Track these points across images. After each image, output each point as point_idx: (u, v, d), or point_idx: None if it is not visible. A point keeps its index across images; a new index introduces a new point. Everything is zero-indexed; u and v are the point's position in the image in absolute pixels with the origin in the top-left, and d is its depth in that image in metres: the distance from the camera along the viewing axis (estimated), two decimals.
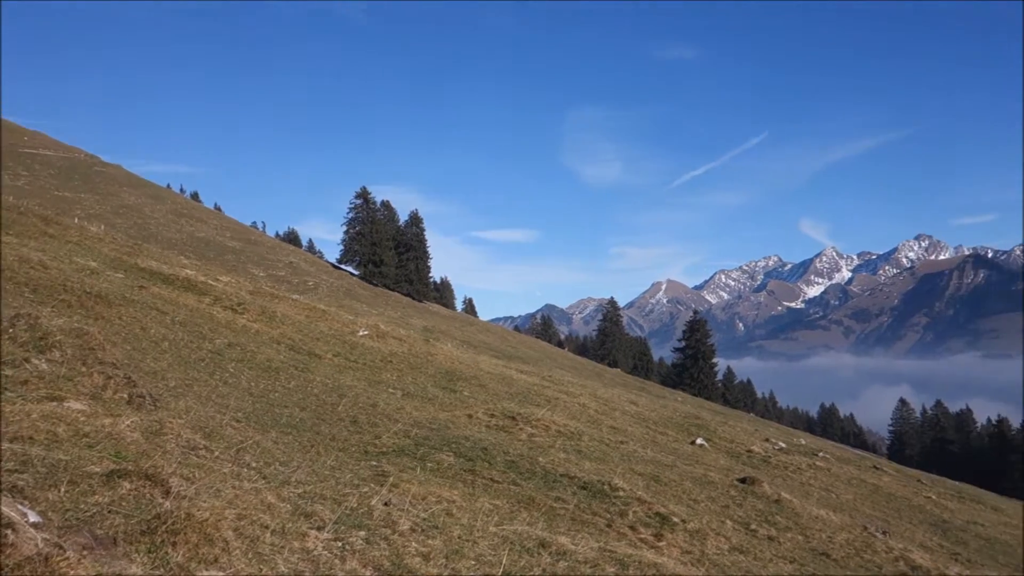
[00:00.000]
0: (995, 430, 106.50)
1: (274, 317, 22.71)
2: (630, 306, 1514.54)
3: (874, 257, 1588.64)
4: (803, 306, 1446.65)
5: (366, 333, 26.36)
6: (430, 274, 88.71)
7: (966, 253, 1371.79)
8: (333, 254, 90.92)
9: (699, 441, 24.13)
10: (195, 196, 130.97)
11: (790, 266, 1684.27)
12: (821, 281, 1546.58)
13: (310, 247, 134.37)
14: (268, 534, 5.67)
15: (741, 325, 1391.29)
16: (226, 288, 25.04)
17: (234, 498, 6.08)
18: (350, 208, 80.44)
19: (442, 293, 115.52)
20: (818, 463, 27.14)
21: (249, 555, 5.23)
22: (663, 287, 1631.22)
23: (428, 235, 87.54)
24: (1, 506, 4.45)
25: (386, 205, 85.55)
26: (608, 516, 10.39)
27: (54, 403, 7.71)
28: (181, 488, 5.97)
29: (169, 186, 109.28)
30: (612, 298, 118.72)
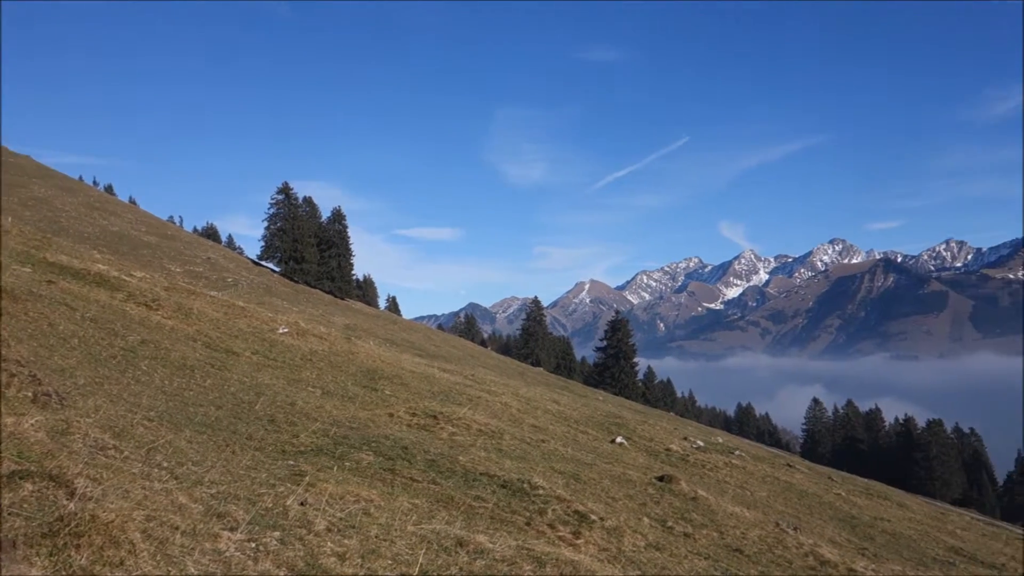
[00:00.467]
0: (902, 429, 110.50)
1: (190, 314, 22.18)
2: (553, 305, 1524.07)
3: (790, 260, 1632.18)
4: (722, 307, 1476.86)
5: (286, 331, 25.95)
6: (353, 272, 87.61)
7: (877, 257, 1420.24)
8: (253, 250, 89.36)
9: (619, 440, 24.44)
10: (109, 189, 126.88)
11: (710, 268, 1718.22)
12: (739, 283, 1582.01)
13: (230, 243, 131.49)
14: (178, 535, 5.53)
15: (662, 325, 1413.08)
16: (140, 284, 24.34)
17: (143, 499, 5.92)
18: (271, 204, 78.93)
19: (365, 291, 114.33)
20: (734, 461, 27.74)
21: (157, 557, 5.10)
22: (586, 287, 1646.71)
23: (352, 232, 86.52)
24: None
25: (308, 201, 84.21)
26: (527, 514, 10.44)
27: None
28: (87, 489, 5.78)
29: (81, 178, 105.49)
30: (536, 297, 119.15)
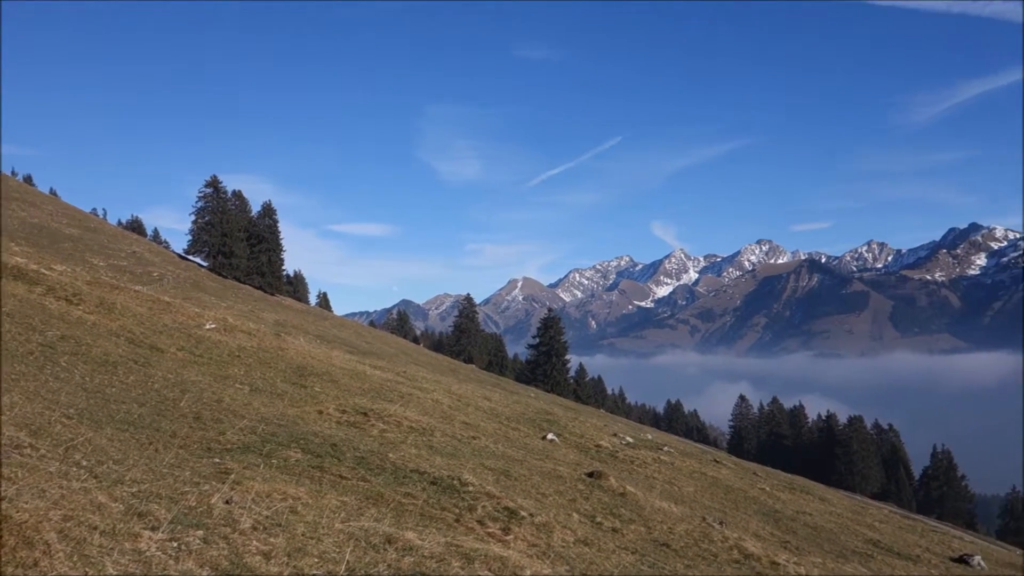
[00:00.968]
0: (824, 425, 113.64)
1: (113, 309, 21.59)
2: (486, 303, 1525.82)
3: (719, 259, 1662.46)
4: (652, 305, 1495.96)
5: (213, 327, 25.45)
6: (283, 267, 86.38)
7: (802, 258, 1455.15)
8: (180, 244, 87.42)
9: (550, 436, 24.59)
10: (28, 179, 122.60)
11: (641, 266, 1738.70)
12: (670, 282, 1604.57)
13: (155, 237, 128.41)
14: (96, 535, 5.39)
15: (594, 323, 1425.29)
16: (60, 278, 23.59)
17: (60, 498, 5.75)
18: (199, 197, 77.32)
19: (296, 287, 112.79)
20: (662, 457, 28.17)
21: (74, 558, 4.96)
22: (519, 284, 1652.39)
23: (283, 227, 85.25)
24: None
25: (238, 195, 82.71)
26: (457, 511, 10.45)
27: None
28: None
29: None
30: (468, 294, 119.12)
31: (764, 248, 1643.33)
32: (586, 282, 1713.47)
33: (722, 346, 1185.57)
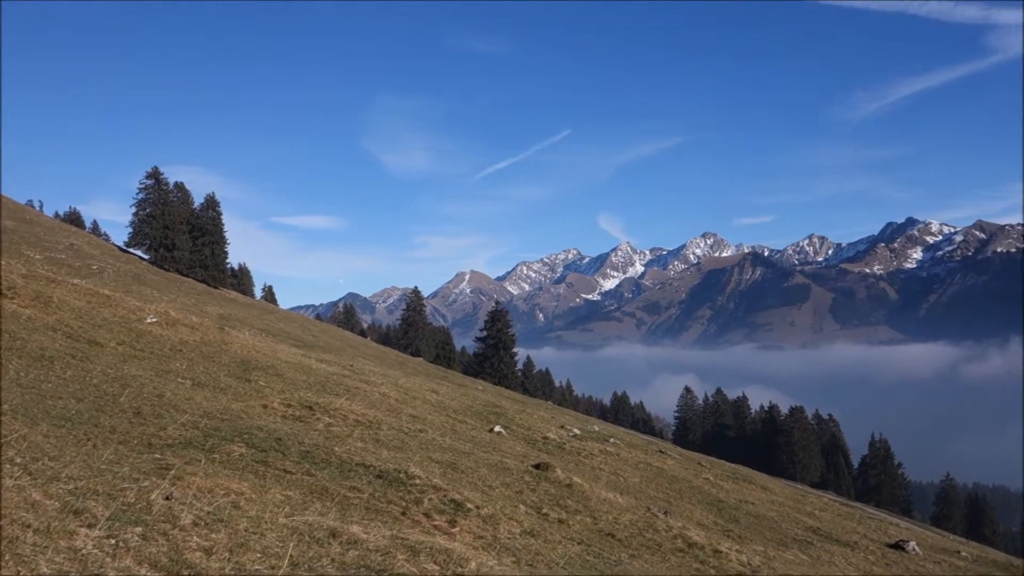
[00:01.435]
0: (767, 416, 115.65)
1: (50, 303, 21.04)
2: (434, 296, 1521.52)
3: (665, 253, 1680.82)
4: (599, 298, 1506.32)
5: (155, 320, 24.96)
6: (227, 260, 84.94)
7: (746, 251, 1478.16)
8: (121, 237, 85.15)
9: (497, 429, 24.62)
10: None
11: (588, 260, 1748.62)
12: (616, 275, 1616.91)
13: (95, 229, 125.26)
14: (30, 534, 5.26)
15: (541, 316, 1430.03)
16: None
17: None
18: (140, 189, 75.66)
19: (240, 280, 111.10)
20: (609, 448, 28.39)
21: (6, 557, 4.83)
22: (467, 277, 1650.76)
23: (226, 219, 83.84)
24: None
25: (180, 187, 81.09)
26: (403, 504, 10.41)
27: None
28: None
29: None
30: (416, 287, 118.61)
31: (709, 241, 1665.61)
32: (534, 275, 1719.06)
33: (668, 338, 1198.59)
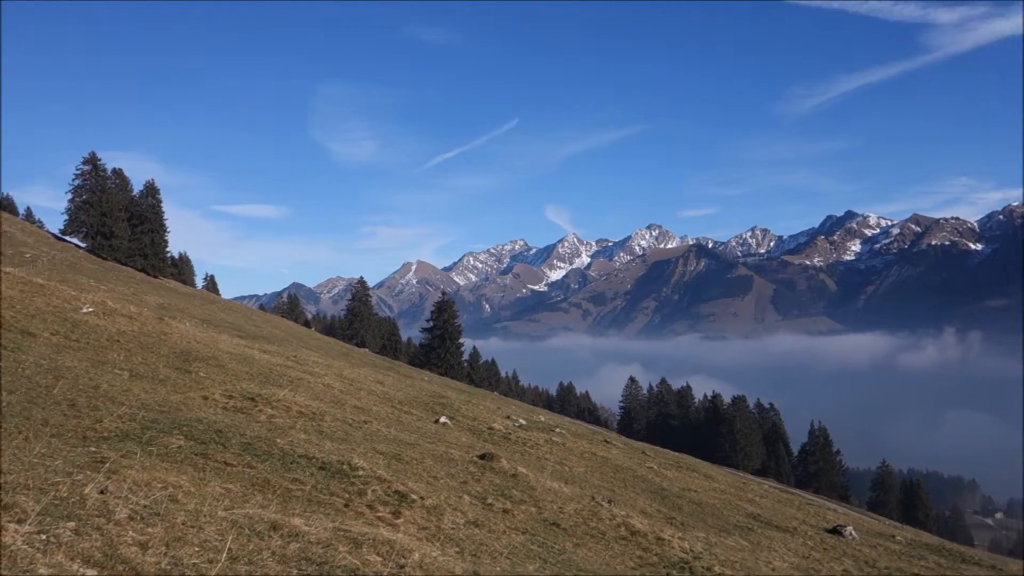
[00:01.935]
0: (710, 405, 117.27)
1: None
2: (380, 286, 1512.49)
3: (611, 244, 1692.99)
4: (546, 289, 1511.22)
5: (91, 310, 24.36)
6: (167, 248, 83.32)
7: (690, 243, 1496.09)
8: (56, 224, 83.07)
9: (443, 420, 24.57)
10: None
11: (535, 250, 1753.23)
12: (563, 266, 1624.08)
13: (28, 216, 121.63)
14: None
15: (488, 306, 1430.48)
16: None
17: None
18: (77, 175, 73.76)
19: (181, 269, 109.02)
20: (554, 438, 28.55)
21: None
22: (413, 268, 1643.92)
23: (167, 207, 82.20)
24: None
25: (118, 173, 79.25)
26: (346, 496, 10.32)
27: None
28: None
29: None
30: (361, 278, 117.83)
31: (654, 233, 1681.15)
32: (480, 266, 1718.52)
33: (613, 329, 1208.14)
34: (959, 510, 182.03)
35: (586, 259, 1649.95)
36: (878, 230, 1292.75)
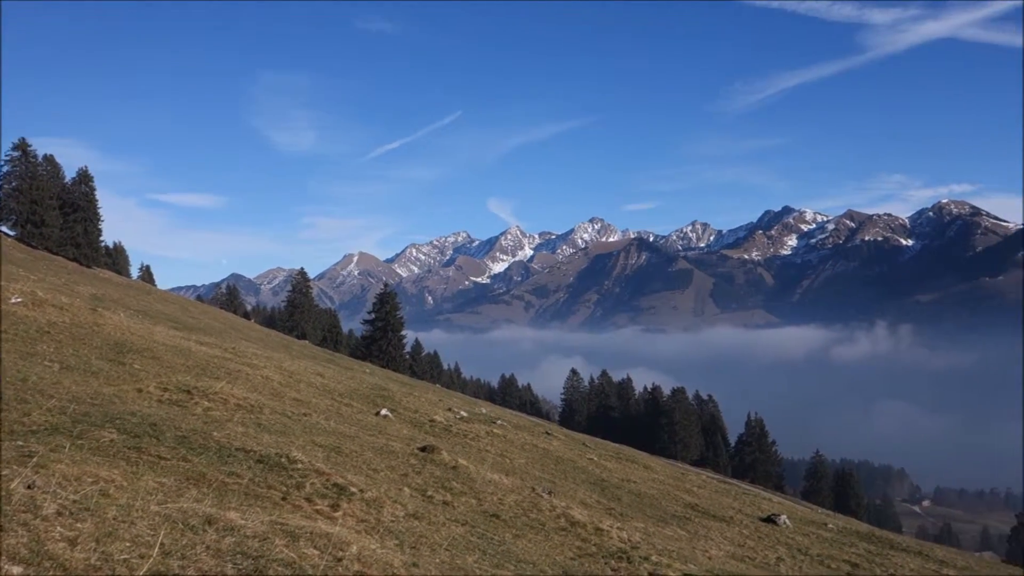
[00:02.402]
0: (650, 397, 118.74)
1: None
2: (321, 277, 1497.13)
3: (553, 237, 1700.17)
4: (489, 281, 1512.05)
5: (19, 300, 23.68)
6: (101, 238, 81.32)
7: (632, 236, 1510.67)
8: None
9: (384, 412, 24.44)
10: None
11: (478, 243, 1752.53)
12: (506, 258, 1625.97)
13: None
14: None
15: (430, 298, 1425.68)
16: None
17: None
18: (5, 161, 71.53)
19: (115, 259, 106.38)
20: (495, 430, 28.60)
21: None
22: (355, 259, 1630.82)
23: (101, 195, 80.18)
24: None
25: (49, 160, 77.01)
26: (284, 489, 10.21)
27: None
28: None
29: None
30: (302, 269, 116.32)
31: (596, 226, 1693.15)
32: (423, 257, 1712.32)
33: (555, 321, 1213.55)
34: (888, 498, 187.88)
35: (529, 252, 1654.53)
36: (814, 225, 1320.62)
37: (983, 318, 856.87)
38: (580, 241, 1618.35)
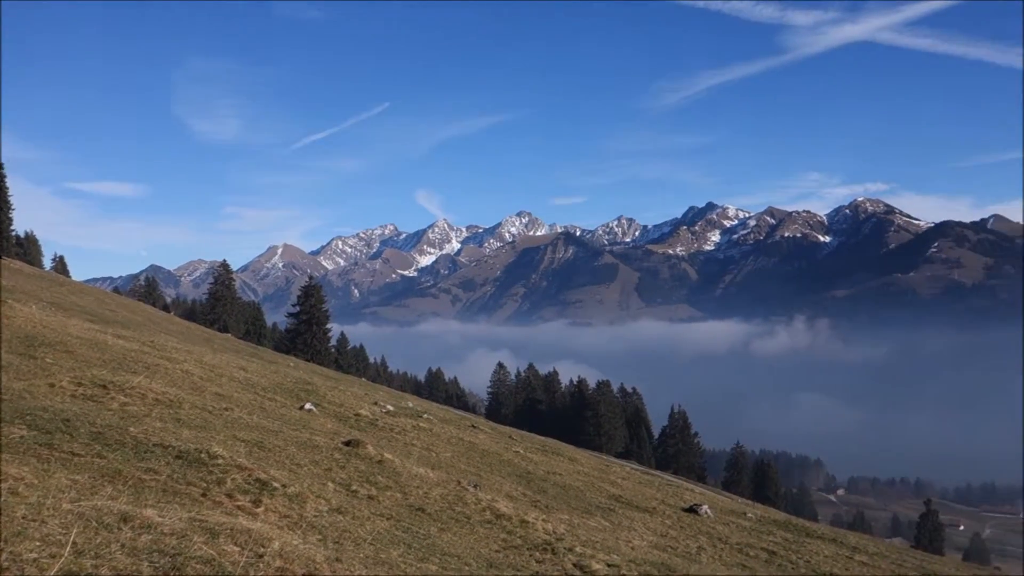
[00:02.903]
0: (576, 390, 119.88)
1: None
2: (244, 269, 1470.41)
3: (481, 230, 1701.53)
4: (416, 274, 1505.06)
5: None
6: (12, 227, 78.45)
7: (559, 231, 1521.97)
8: None
9: (308, 406, 24.13)
10: None
11: (405, 235, 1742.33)
12: (433, 251, 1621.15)
13: None
14: None
15: (356, 292, 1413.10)
16: None
17: None
18: None
19: (27, 249, 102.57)
20: (422, 424, 28.50)
21: None
22: (279, 251, 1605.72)
23: (10, 183, 77.31)
24: None
25: None
26: (204, 485, 10.00)
27: None
28: None
29: None
30: (224, 260, 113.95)
31: (524, 220, 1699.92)
32: (349, 250, 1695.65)
33: (483, 315, 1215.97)
34: (805, 488, 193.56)
35: (456, 245, 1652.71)
36: (736, 221, 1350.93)
37: (895, 313, 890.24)
38: (508, 235, 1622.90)
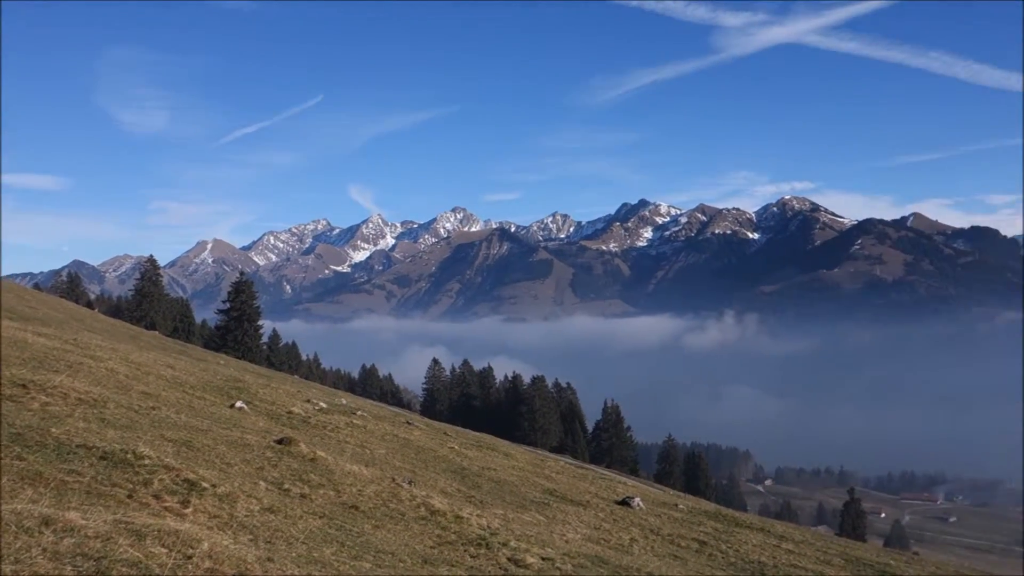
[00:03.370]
0: (510, 385, 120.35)
1: None
2: (172, 265, 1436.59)
3: (416, 226, 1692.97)
4: (349, 270, 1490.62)
5: None
6: None
7: (494, 227, 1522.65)
8: None
9: (239, 404, 23.72)
10: None
11: (338, 231, 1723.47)
12: (367, 247, 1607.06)
13: None
14: None
15: (289, 287, 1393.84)
16: None
17: None
18: None
19: None
20: (356, 421, 28.25)
21: None
22: (209, 246, 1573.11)
23: None
24: None
25: None
26: (130, 486, 9.76)
27: None
28: None
29: None
30: (151, 256, 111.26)
31: (459, 216, 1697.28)
32: (281, 245, 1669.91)
33: (418, 311, 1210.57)
34: (734, 478, 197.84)
35: (391, 240, 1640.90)
36: (668, 218, 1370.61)
37: (820, 307, 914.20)
38: (442, 231, 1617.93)
